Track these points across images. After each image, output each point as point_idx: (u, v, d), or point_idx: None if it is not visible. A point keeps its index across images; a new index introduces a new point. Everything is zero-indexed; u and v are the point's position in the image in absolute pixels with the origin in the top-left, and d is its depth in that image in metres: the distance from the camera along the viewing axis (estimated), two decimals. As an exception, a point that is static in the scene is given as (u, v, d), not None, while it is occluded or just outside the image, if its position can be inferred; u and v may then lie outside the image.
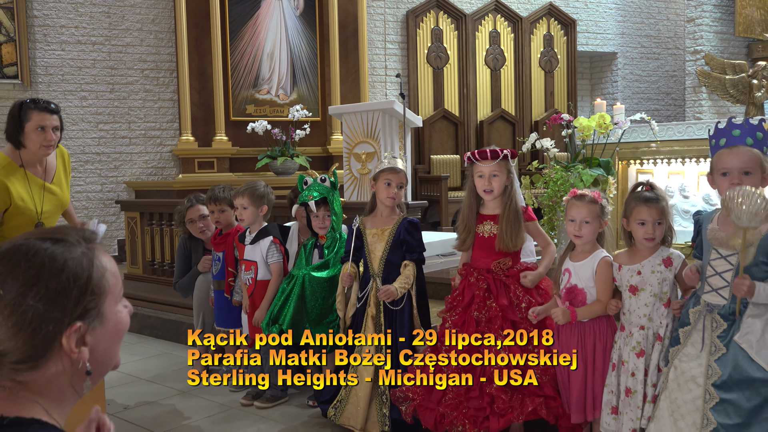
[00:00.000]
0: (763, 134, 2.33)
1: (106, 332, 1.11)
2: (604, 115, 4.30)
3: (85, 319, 1.07)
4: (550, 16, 10.25)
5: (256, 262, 3.69)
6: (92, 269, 1.09)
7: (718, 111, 9.80)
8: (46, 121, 3.11)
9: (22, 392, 1.05)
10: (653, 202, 2.58)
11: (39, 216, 3.26)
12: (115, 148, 7.78)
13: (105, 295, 1.10)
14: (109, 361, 1.16)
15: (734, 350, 2.27)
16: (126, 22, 7.77)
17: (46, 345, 1.04)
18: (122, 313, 1.16)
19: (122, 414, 3.62)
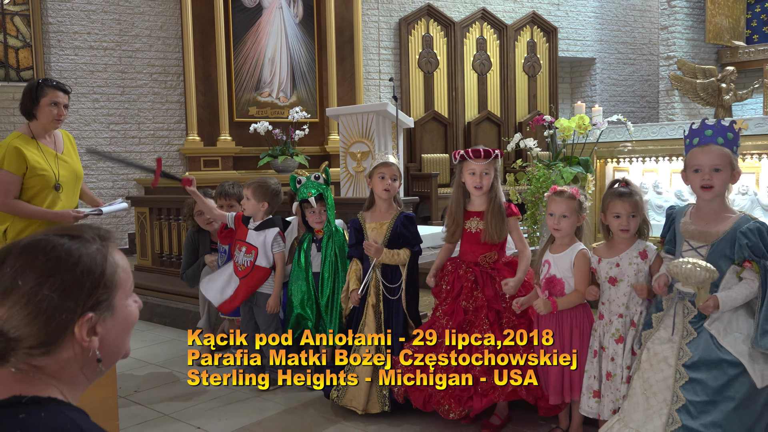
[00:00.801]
0: (733, 135, 2.34)
1: (116, 324, 1.12)
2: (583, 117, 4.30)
3: (96, 311, 1.08)
4: (533, 24, 10.24)
5: (257, 248, 3.68)
6: (105, 264, 1.10)
7: (689, 113, 9.83)
8: (60, 98, 3.31)
9: (37, 375, 1.07)
10: (627, 197, 2.60)
11: (57, 178, 3.34)
12: (126, 148, 7.74)
13: (116, 289, 1.12)
14: (118, 351, 1.17)
15: (704, 335, 2.29)
16: (135, 29, 7.73)
17: (59, 332, 1.06)
18: (132, 307, 1.17)
19: (133, 397, 3.61)
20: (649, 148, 4.36)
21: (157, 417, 3.32)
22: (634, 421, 2.38)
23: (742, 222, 2.28)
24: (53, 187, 3.32)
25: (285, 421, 3.23)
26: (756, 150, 3.94)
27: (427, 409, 2.98)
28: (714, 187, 2.30)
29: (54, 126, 3.37)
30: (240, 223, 3.81)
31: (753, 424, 2.20)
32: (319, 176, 3.64)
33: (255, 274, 3.68)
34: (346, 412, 3.24)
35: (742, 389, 2.19)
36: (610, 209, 2.63)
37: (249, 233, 3.73)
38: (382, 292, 3.25)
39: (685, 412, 2.24)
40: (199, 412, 3.37)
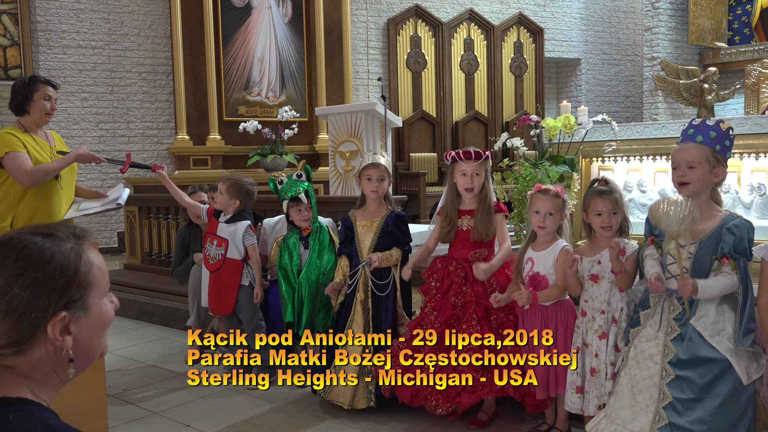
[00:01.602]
0: (716, 133, 2.35)
1: (89, 323, 1.10)
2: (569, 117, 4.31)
3: (70, 310, 1.06)
4: (519, 24, 10.26)
5: (227, 241, 3.67)
6: (80, 263, 1.08)
7: (672, 113, 9.91)
8: (51, 92, 3.44)
9: (8, 375, 1.05)
10: (607, 194, 2.62)
11: None
12: (115, 146, 7.67)
13: (91, 288, 1.09)
14: (93, 350, 1.14)
15: (690, 332, 2.30)
16: (125, 28, 7.65)
17: (30, 332, 1.04)
18: (107, 306, 1.15)
19: (123, 395, 3.58)
20: (634, 148, 4.38)
21: (147, 415, 3.29)
22: (621, 418, 2.38)
23: (728, 220, 2.29)
24: (54, 176, 3.39)
25: (274, 418, 3.21)
26: (737, 149, 3.97)
27: (414, 404, 2.98)
28: (690, 183, 2.32)
29: (45, 120, 3.45)
30: (211, 216, 3.81)
31: (737, 420, 2.21)
32: (301, 174, 3.63)
33: (227, 267, 3.67)
34: (333, 408, 3.23)
35: (727, 386, 2.20)
36: (591, 207, 2.64)
37: (219, 226, 3.72)
38: (371, 289, 3.24)
39: (672, 409, 2.25)
40: (188, 410, 3.34)
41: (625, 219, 2.69)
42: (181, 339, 4.67)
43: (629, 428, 2.34)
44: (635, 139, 4.37)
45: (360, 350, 3.19)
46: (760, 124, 3.89)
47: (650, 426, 2.27)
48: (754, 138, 3.91)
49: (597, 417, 2.50)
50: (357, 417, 3.14)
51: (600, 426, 2.44)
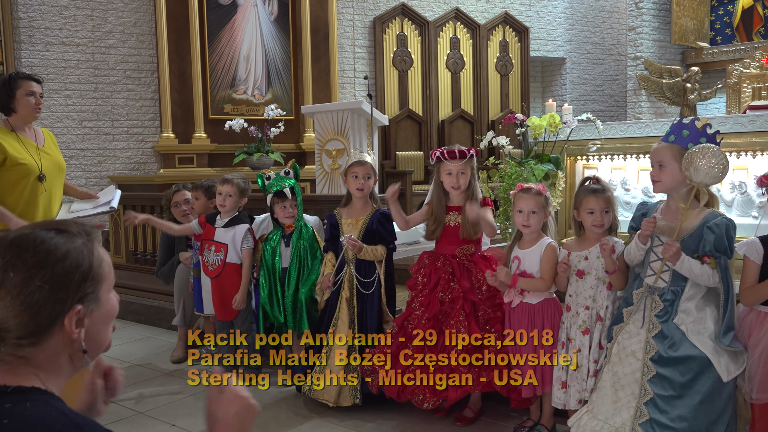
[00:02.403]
0: (689, 132, 2.37)
1: (100, 316, 1.15)
2: (554, 115, 4.33)
3: (84, 303, 1.11)
4: (505, 24, 10.30)
5: (226, 245, 3.64)
6: (92, 258, 1.13)
7: (656, 112, 10.00)
8: (34, 87, 3.32)
9: (22, 366, 1.08)
10: (600, 193, 2.63)
11: (40, 169, 3.31)
12: (99, 144, 7.60)
13: (102, 282, 1.14)
14: (102, 343, 1.19)
15: (672, 330, 2.32)
16: (109, 25, 7.57)
17: (48, 324, 1.08)
18: (113, 300, 1.20)
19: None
20: (618, 146, 4.41)
21: (132, 415, 3.26)
22: (603, 414, 2.40)
23: (709, 218, 2.31)
24: (37, 177, 3.30)
25: (260, 417, 3.18)
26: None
27: (401, 399, 2.98)
28: (660, 181, 2.36)
29: (34, 116, 3.36)
30: (205, 223, 3.77)
31: (717, 417, 2.24)
32: (289, 172, 3.62)
33: (227, 272, 3.64)
34: (319, 406, 3.22)
35: (708, 383, 2.22)
36: (583, 205, 2.65)
37: (217, 231, 3.69)
38: (356, 287, 3.24)
39: (653, 406, 2.27)
40: (174, 409, 3.32)
41: (615, 218, 2.71)
42: (166, 338, 4.64)
43: (611, 423, 2.36)
44: (619, 138, 4.40)
45: (345, 348, 3.18)
46: (741, 123, 3.93)
47: (631, 422, 2.29)
48: (735, 137, 3.95)
49: (579, 412, 2.52)
50: (343, 415, 3.14)
51: (582, 421, 2.46)
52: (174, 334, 4.56)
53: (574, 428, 2.49)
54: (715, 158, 2.13)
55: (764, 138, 3.85)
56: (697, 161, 2.15)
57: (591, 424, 2.41)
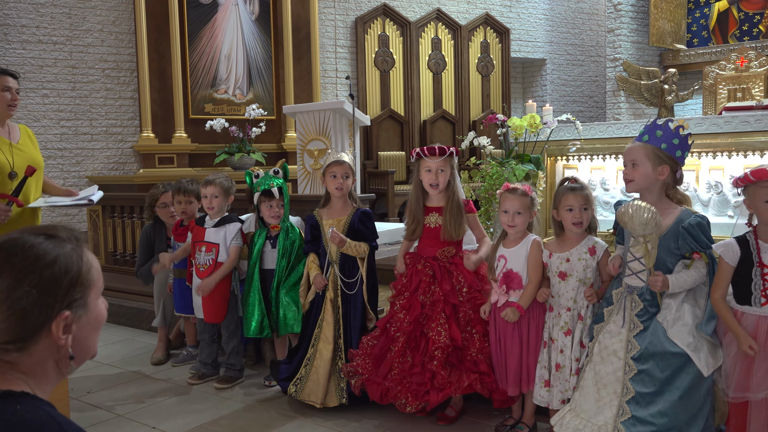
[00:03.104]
0: (662, 132, 2.40)
1: (88, 322, 1.14)
2: (534, 116, 4.36)
3: (72, 309, 1.10)
4: (486, 25, 10.35)
5: (218, 245, 3.61)
6: (81, 263, 1.12)
7: (634, 113, 10.12)
8: (10, 83, 3.26)
9: (9, 371, 1.08)
10: (578, 191, 2.66)
11: (12, 166, 3.25)
12: (77, 144, 7.49)
13: (90, 287, 1.14)
14: (89, 349, 1.18)
15: (652, 327, 2.35)
16: (87, 23, 7.47)
17: (35, 329, 1.07)
18: (101, 306, 1.19)
19: (86, 398, 3.50)
20: (597, 147, 4.45)
21: (111, 418, 3.22)
22: (585, 412, 2.42)
23: (684, 216, 2.35)
24: (8, 175, 3.23)
25: (243, 418, 3.18)
26: (695, 148, 4.07)
27: (384, 402, 2.98)
28: (633, 180, 2.40)
29: (9, 112, 3.30)
30: (195, 226, 3.74)
31: (696, 411, 2.27)
32: (278, 171, 3.60)
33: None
34: (304, 407, 3.21)
35: (687, 379, 2.26)
36: (562, 203, 2.67)
37: (207, 232, 3.65)
38: (340, 287, 3.24)
39: (635, 403, 2.30)
40: (154, 412, 3.29)
41: (594, 217, 2.73)
42: (146, 340, 4.59)
43: (593, 422, 2.38)
44: (598, 138, 4.44)
45: (331, 349, 3.18)
46: (717, 124, 3.99)
47: (614, 420, 2.32)
48: (711, 137, 4.01)
49: (562, 411, 2.54)
50: (328, 415, 3.13)
51: (565, 420, 2.48)
52: (154, 335, 4.51)
53: (557, 427, 2.51)
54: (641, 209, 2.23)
55: (739, 139, 3.91)
56: (631, 221, 2.26)
57: (574, 423, 2.43)
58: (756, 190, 2.22)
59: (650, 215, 2.22)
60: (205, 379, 3.66)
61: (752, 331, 2.20)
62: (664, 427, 2.24)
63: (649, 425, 2.25)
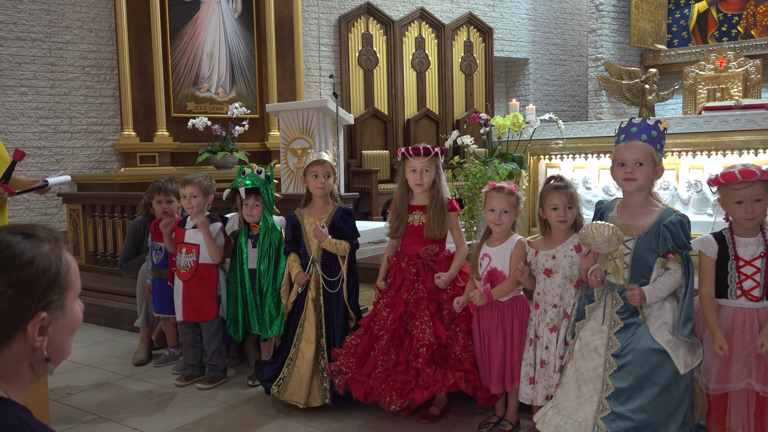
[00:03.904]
0: (657, 133, 2.44)
1: (64, 324, 1.12)
2: (517, 115, 4.39)
3: (49, 310, 1.07)
4: (469, 24, 10.38)
5: (198, 246, 3.58)
6: (60, 264, 1.10)
7: (615, 112, 10.21)
8: None
9: None
10: (563, 189, 2.68)
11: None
12: (57, 143, 7.39)
13: (68, 289, 1.11)
14: (64, 351, 1.16)
15: (632, 324, 2.37)
16: (66, 20, 7.37)
17: (10, 330, 1.04)
18: (78, 309, 1.17)
19: (66, 399, 3.45)
20: (579, 146, 4.49)
21: (92, 419, 3.18)
22: (567, 409, 2.44)
23: (665, 215, 2.37)
24: None
25: (225, 418, 3.16)
26: (676, 147, 4.13)
27: (368, 401, 2.98)
28: (637, 179, 2.40)
29: None
30: (177, 227, 3.71)
31: (675, 408, 2.30)
32: (261, 171, 3.58)
33: (201, 273, 3.58)
34: (287, 407, 3.20)
35: (666, 376, 2.28)
36: (547, 202, 2.69)
37: (187, 233, 3.62)
38: (322, 286, 3.23)
39: (614, 399, 2.32)
40: (136, 412, 3.25)
41: (579, 215, 2.75)
42: (127, 340, 4.54)
43: (574, 418, 2.40)
44: (581, 138, 4.48)
45: (313, 348, 3.17)
46: (696, 123, 4.05)
47: (594, 416, 2.34)
48: (691, 137, 4.07)
49: (544, 408, 2.56)
50: (311, 415, 3.12)
51: (547, 416, 2.50)
52: (136, 336, 4.46)
53: (539, 424, 2.53)
54: (603, 228, 2.28)
55: (718, 138, 3.97)
56: (594, 241, 2.29)
57: (555, 420, 2.45)
58: (727, 192, 2.26)
59: (611, 231, 2.26)
60: (192, 380, 3.64)
61: (728, 323, 2.24)
62: (643, 423, 2.26)
63: (628, 421, 2.27)
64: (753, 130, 3.85)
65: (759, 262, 2.22)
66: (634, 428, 2.26)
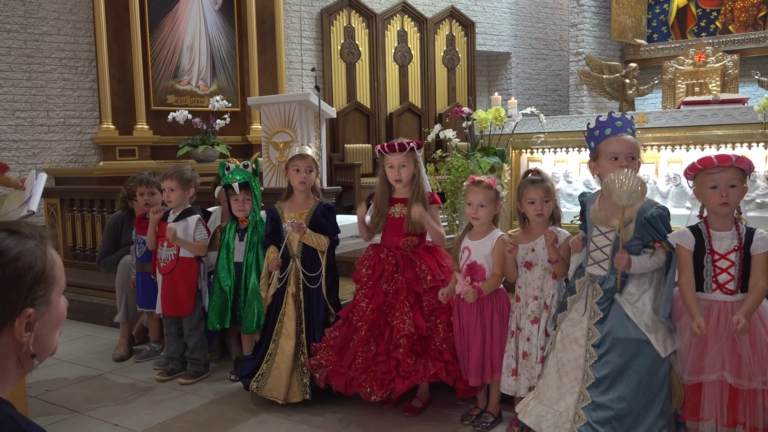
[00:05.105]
0: (631, 130, 2.49)
1: (50, 320, 1.13)
2: (499, 109, 4.40)
3: (35, 306, 1.08)
4: (452, 18, 10.39)
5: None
6: (45, 260, 1.10)
7: (596, 106, 10.29)
8: None
9: None
10: (539, 183, 2.70)
11: None
12: (33, 136, 7.27)
13: (54, 285, 1.12)
14: (50, 347, 1.16)
15: (613, 313, 2.40)
16: (42, 11, 7.24)
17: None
18: (62, 304, 1.18)
19: (45, 396, 3.41)
20: (560, 140, 4.52)
21: (71, 416, 3.15)
22: (548, 399, 2.47)
23: (646, 207, 2.41)
24: None
25: (207, 413, 3.14)
26: (655, 141, 4.17)
27: (349, 392, 2.99)
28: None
29: None
30: (160, 221, 3.69)
31: (654, 396, 2.34)
32: (248, 165, 3.56)
33: (181, 266, 3.56)
34: (268, 402, 3.19)
35: (645, 364, 2.32)
36: (525, 196, 2.72)
37: (168, 227, 3.60)
38: (302, 281, 3.22)
39: (594, 389, 2.36)
40: (116, 409, 3.23)
41: (557, 207, 2.78)
42: (107, 336, 4.50)
43: (555, 408, 2.43)
44: (562, 132, 4.51)
45: (293, 344, 3.16)
46: (675, 117, 4.10)
47: (575, 406, 2.37)
48: (670, 131, 4.12)
49: (526, 399, 2.58)
50: (292, 409, 3.12)
51: (529, 407, 2.53)
52: (116, 331, 4.42)
53: (521, 414, 2.55)
54: (631, 179, 2.23)
55: (697, 132, 4.02)
56: (619, 189, 2.23)
57: (537, 410, 2.48)
58: (703, 178, 2.31)
59: (637, 183, 2.21)
60: (173, 375, 3.61)
61: (704, 315, 2.28)
62: (623, 411, 2.30)
63: (608, 410, 2.31)
64: (730, 124, 3.90)
65: (733, 256, 2.26)
66: (614, 417, 2.30)
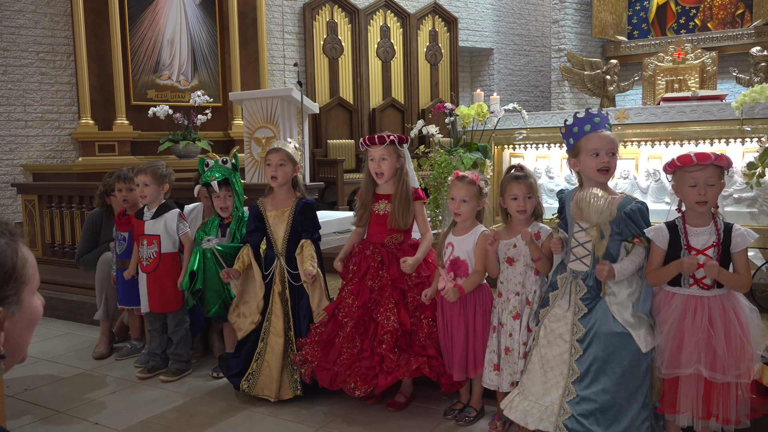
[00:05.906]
0: (609, 126, 2.51)
1: (22, 319, 1.10)
2: (482, 105, 4.42)
3: (5, 305, 1.05)
4: (434, 13, 10.39)
5: (159, 236, 3.53)
6: (16, 259, 1.07)
7: (578, 102, 10.37)
8: None
9: None
10: (522, 179, 2.71)
11: None
12: (10, 131, 7.15)
13: (25, 284, 1.09)
14: (22, 347, 1.14)
15: (597, 308, 2.42)
16: (18, 3, 7.11)
17: None
18: (37, 303, 1.15)
19: (24, 395, 3.37)
20: (542, 135, 4.55)
21: (51, 415, 3.11)
22: (533, 394, 2.49)
23: (625, 203, 2.43)
24: None
25: (190, 411, 3.12)
26: (636, 137, 4.22)
27: (333, 387, 2.99)
28: (610, 169, 2.45)
29: None
30: (135, 219, 3.65)
31: (636, 388, 2.37)
32: (227, 161, 3.53)
33: (165, 263, 3.52)
34: (252, 398, 3.18)
35: (628, 357, 2.35)
36: (507, 192, 2.72)
37: (146, 224, 3.57)
38: (287, 279, 3.22)
39: (579, 382, 2.39)
40: (97, 407, 3.19)
41: (539, 203, 2.79)
42: (87, 334, 4.45)
43: (541, 403, 2.45)
44: (544, 128, 4.54)
45: (282, 342, 3.16)
46: (655, 114, 4.14)
47: (560, 400, 2.40)
48: (650, 127, 4.16)
49: (511, 394, 2.60)
50: (277, 405, 3.11)
51: (514, 403, 2.54)
52: (95, 329, 4.37)
53: (506, 410, 2.57)
54: (601, 202, 2.27)
55: (676, 128, 4.07)
56: (588, 208, 2.29)
57: (522, 405, 2.50)
58: (682, 175, 2.33)
59: (606, 204, 2.27)
60: (154, 372, 3.58)
61: (681, 310, 2.31)
62: (606, 404, 2.33)
63: (592, 402, 2.33)
64: (708, 120, 3.95)
65: (711, 251, 2.29)
66: (599, 410, 2.33)
